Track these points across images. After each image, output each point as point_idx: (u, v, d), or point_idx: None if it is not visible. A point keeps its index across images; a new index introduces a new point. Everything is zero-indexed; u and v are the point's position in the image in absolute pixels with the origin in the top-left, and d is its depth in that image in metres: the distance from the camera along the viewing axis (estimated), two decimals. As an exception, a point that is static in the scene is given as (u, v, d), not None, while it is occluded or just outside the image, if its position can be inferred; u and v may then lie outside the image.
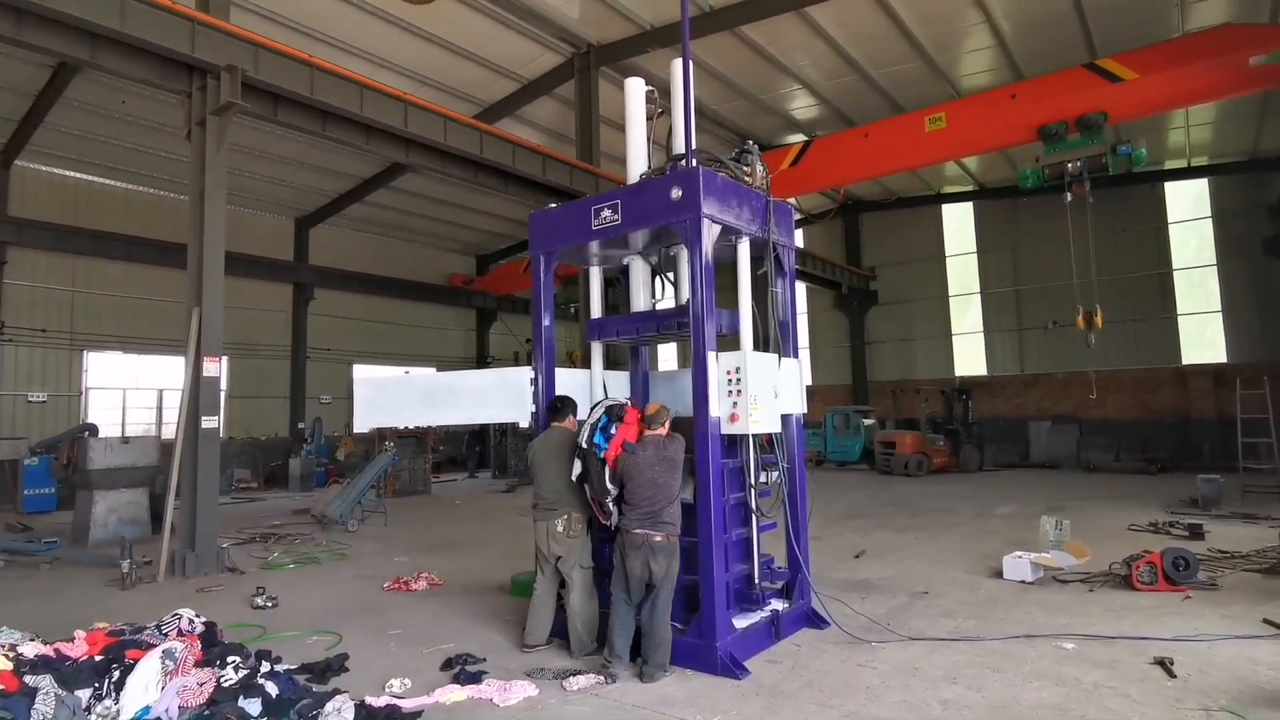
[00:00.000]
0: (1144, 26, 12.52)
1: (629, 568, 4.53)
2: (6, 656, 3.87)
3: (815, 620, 5.25)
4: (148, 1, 7.55)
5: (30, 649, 4.08)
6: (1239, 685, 4.03)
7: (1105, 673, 4.27)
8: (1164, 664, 4.32)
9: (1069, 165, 11.89)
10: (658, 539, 4.43)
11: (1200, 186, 18.95)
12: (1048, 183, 12.31)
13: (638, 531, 4.47)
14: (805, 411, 5.51)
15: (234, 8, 9.61)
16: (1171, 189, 19.23)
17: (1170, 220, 19.20)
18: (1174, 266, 19.09)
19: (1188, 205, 19.10)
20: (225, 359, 10.93)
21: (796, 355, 5.46)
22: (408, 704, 3.98)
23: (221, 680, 3.88)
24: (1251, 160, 17.90)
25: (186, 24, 7.85)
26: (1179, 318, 18.99)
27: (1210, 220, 18.78)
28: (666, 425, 4.76)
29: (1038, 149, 12.22)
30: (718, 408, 4.64)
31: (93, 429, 13.13)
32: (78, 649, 4.15)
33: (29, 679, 3.64)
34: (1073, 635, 4.93)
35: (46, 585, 7.25)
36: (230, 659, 4.06)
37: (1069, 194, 12.09)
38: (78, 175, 16.20)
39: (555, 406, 5.18)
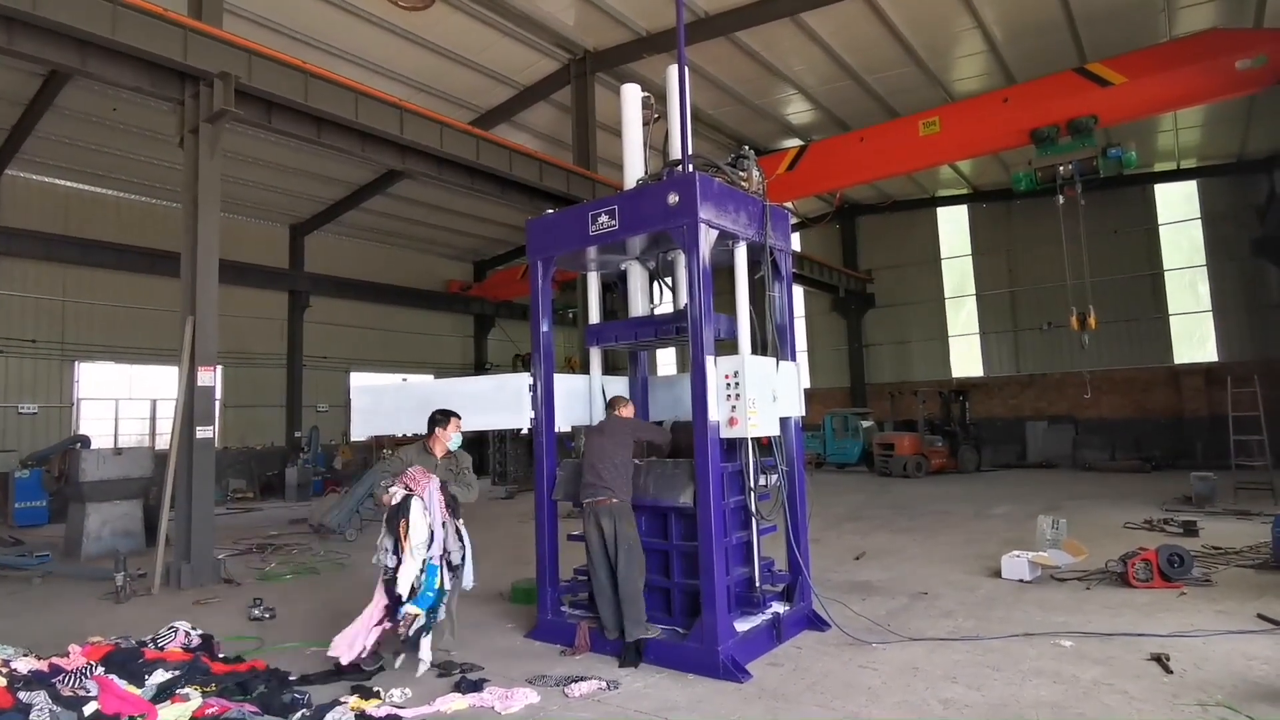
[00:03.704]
0: (1132, 32, 12.64)
1: (588, 539, 4.87)
2: (0, 673, 3.83)
3: (816, 622, 5.25)
4: (139, 9, 7.50)
5: (24, 664, 4.04)
6: (1234, 680, 4.06)
7: (1103, 669, 4.29)
8: (1160, 660, 4.35)
9: (1061, 168, 11.93)
10: (600, 502, 4.76)
11: (1189, 189, 19.10)
12: (1040, 185, 12.35)
13: (586, 502, 4.85)
14: (804, 414, 5.52)
15: (227, 14, 9.56)
16: (1161, 191, 19.39)
17: (1161, 222, 19.36)
18: (1165, 267, 19.24)
19: (1177, 207, 19.26)
20: (220, 368, 10.90)
21: (794, 359, 5.46)
22: (408, 714, 3.95)
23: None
24: (1239, 162, 18.06)
25: (179, 31, 7.81)
26: (1171, 318, 19.13)
27: (1200, 222, 18.94)
28: (625, 409, 5.18)
29: (1030, 152, 12.27)
30: (716, 412, 4.65)
31: (85, 440, 13.04)
32: (73, 663, 4.10)
33: (23, 695, 3.60)
34: (1070, 633, 4.95)
35: (39, 599, 7.17)
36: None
37: (1061, 197, 12.16)
38: (68, 184, 16.10)
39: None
